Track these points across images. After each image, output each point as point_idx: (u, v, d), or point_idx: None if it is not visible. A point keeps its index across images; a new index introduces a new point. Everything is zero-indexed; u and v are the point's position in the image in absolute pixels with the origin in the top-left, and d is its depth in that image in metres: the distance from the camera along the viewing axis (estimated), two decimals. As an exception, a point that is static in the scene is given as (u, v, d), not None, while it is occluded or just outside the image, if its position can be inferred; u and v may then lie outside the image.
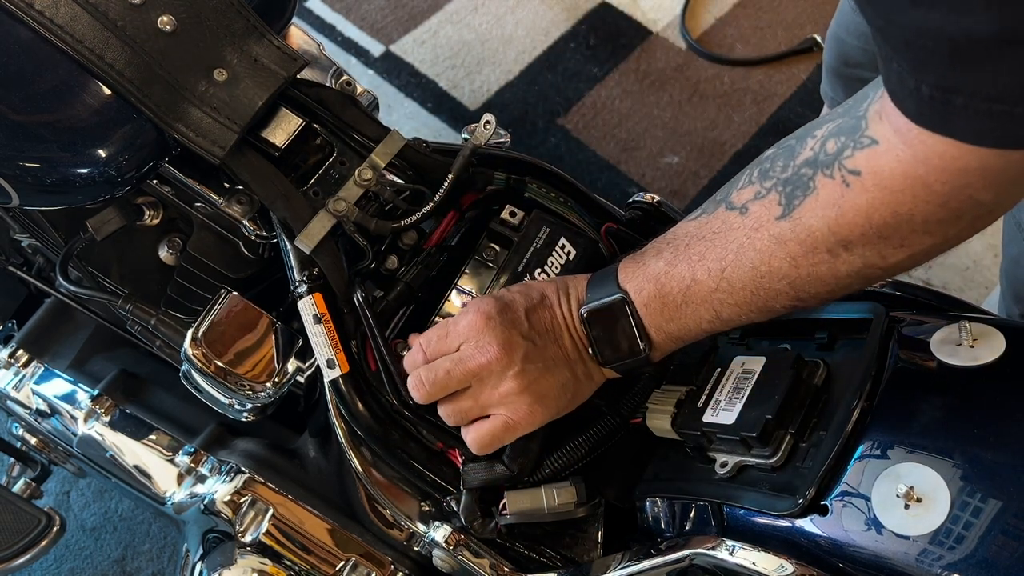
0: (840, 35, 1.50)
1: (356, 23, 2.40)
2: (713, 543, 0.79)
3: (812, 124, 0.73)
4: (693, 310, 0.79)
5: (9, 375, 1.26)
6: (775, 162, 0.74)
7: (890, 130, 0.63)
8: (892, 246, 0.68)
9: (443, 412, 0.87)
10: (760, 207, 0.73)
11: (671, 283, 0.79)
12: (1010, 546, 0.67)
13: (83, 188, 0.93)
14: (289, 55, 0.96)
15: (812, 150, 0.70)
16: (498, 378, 0.83)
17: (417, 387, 0.86)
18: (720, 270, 0.76)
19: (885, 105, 0.64)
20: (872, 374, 0.79)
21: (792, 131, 0.76)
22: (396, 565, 1.05)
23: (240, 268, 1.06)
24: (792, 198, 0.71)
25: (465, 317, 0.85)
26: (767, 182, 0.73)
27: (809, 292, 0.74)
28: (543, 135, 2.22)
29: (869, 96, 0.68)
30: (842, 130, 0.68)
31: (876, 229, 0.67)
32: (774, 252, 0.72)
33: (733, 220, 0.76)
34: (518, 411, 0.83)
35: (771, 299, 0.75)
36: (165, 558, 1.74)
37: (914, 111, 0.59)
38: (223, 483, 1.10)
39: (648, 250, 0.83)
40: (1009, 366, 0.76)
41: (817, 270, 0.71)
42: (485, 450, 0.86)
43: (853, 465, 0.75)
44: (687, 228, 0.81)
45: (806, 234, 0.70)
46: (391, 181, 1.00)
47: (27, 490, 1.39)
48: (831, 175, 0.68)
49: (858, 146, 0.66)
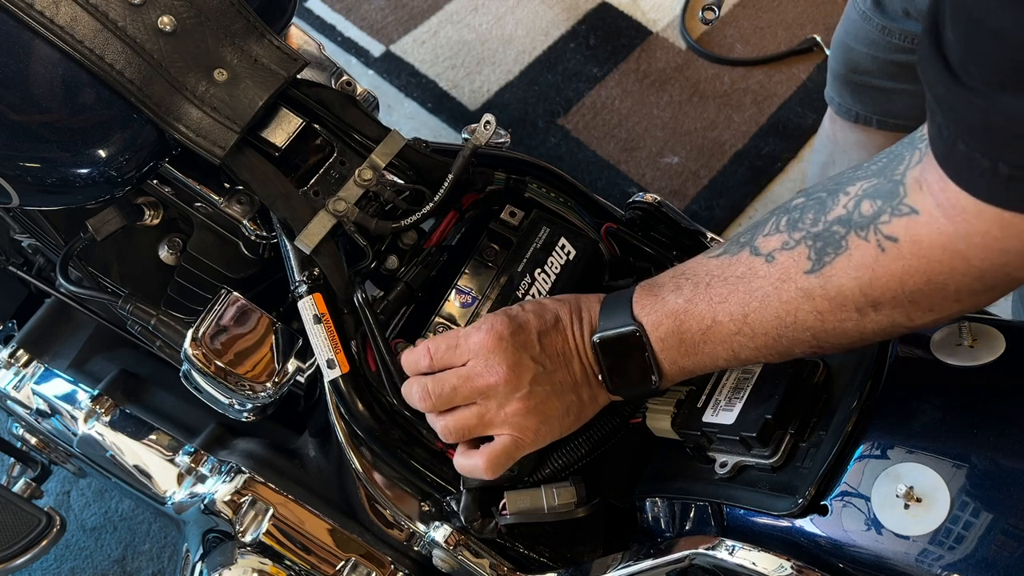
0: (848, 43, 1.49)
1: (356, 23, 2.40)
2: (713, 543, 0.79)
3: (843, 177, 0.73)
4: (711, 349, 0.79)
5: (9, 375, 1.26)
6: (805, 213, 0.74)
7: (932, 203, 0.64)
8: (921, 310, 0.69)
9: (442, 425, 0.85)
10: (788, 258, 0.73)
11: (690, 321, 0.79)
12: (1010, 546, 0.67)
13: (83, 188, 0.93)
14: (289, 55, 0.96)
15: (845, 208, 0.70)
16: (504, 398, 0.82)
17: (424, 398, 0.85)
18: (743, 316, 0.76)
19: (927, 175, 0.64)
20: (872, 374, 0.79)
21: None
22: (396, 565, 1.05)
23: (240, 268, 1.06)
24: (823, 254, 0.71)
25: (477, 333, 0.84)
26: (796, 233, 0.73)
27: (831, 343, 0.74)
28: (543, 135, 2.22)
29: (905, 158, 0.68)
30: (879, 192, 0.68)
31: (908, 294, 0.68)
32: (800, 305, 0.73)
33: (759, 267, 0.75)
34: (524, 431, 0.83)
35: (792, 346, 0.76)
36: (165, 558, 1.75)
37: (984, 190, 0.59)
38: (223, 483, 1.10)
39: (666, 283, 0.82)
40: (1009, 366, 0.76)
41: (843, 326, 0.72)
42: (498, 471, 0.84)
43: (853, 465, 0.75)
44: (708, 266, 0.80)
45: (836, 291, 0.71)
46: (391, 181, 0.99)
47: (27, 490, 1.39)
48: (866, 237, 0.68)
49: (896, 213, 0.66)
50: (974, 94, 0.56)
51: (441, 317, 0.95)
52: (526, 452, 0.84)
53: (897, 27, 1.39)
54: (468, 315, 0.94)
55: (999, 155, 0.57)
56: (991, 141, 0.57)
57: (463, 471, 0.87)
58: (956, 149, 0.60)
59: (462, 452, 0.86)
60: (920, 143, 0.67)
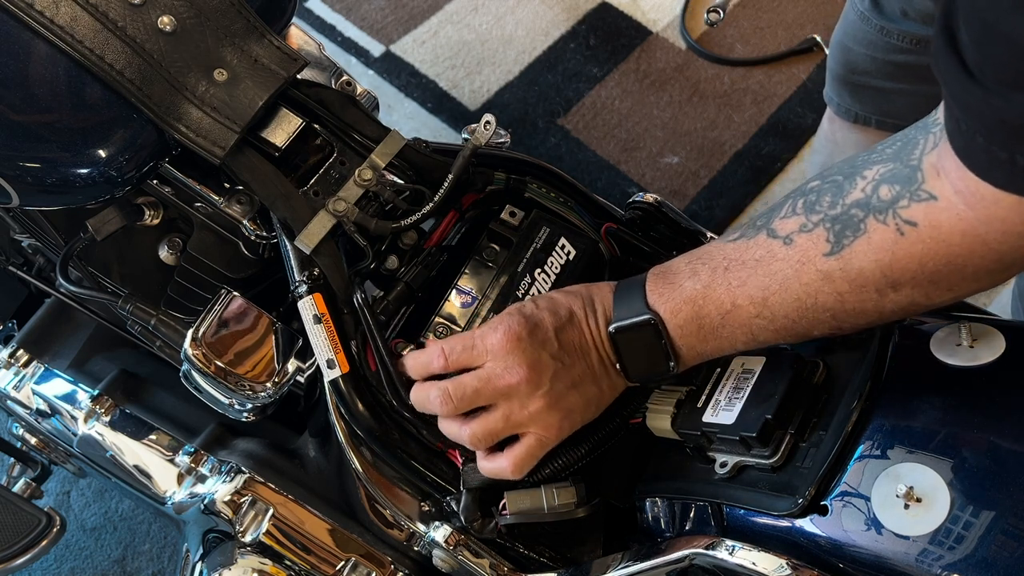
0: (846, 43, 1.49)
1: (356, 23, 2.40)
2: (713, 543, 0.79)
3: (858, 160, 0.74)
4: (730, 333, 0.80)
5: (9, 375, 1.26)
6: (822, 196, 0.74)
7: (950, 189, 0.66)
8: (940, 289, 0.70)
9: (469, 433, 0.84)
10: (807, 240, 0.74)
11: (709, 306, 0.79)
12: (1010, 546, 0.67)
13: (83, 188, 0.93)
14: (289, 55, 0.96)
15: (863, 192, 0.71)
16: (527, 397, 0.82)
17: (444, 401, 0.84)
18: (763, 299, 0.76)
19: (944, 163, 0.66)
20: (872, 374, 0.79)
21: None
22: (396, 565, 1.05)
23: (240, 268, 1.06)
24: (842, 236, 0.72)
25: (494, 334, 0.83)
26: (813, 216, 0.74)
27: (851, 323, 0.75)
28: (543, 135, 2.22)
29: (920, 142, 0.70)
30: (896, 178, 0.70)
31: (928, 275, 0.69)
32: (821, 287, 0.74)
33: (777, 249, 0.76)
34: (549, 427, 0.83)
35: (811, 327, 0.77)
36: (165, 558, 1.74)
37: (1004, 180, 0.62)
38: (223, 483, 1.10)
39: (681, 268, 0.82)
40: (1009, 366, 0.76)
41: (863, 306, 0.73)
42: (525, 471, 0.84)
43: (853, 465, 0.75)
44: (724, 250, 0.80)
45: (856, 273, 0.72)
46: (391, 181, 0.99)
47: (27, 490, 1.39)
48: (884, 221, 0.70)
49: (915, 198, 0.68)
50: (990, 93, 0.58)
51: (441, 317, 0.95)
52: (550, 447, 0.85)
53: (895, 28, 1.38)
54: (468, 315, 0.94)
55: (1016, 148, 0.59)
56: (1007, 136, 0.59)
57: (490, 475, 0.87)
58: (975, 142, 0.62)
59: (485, 456, 0.86)
60: (934, 127, 0.68)
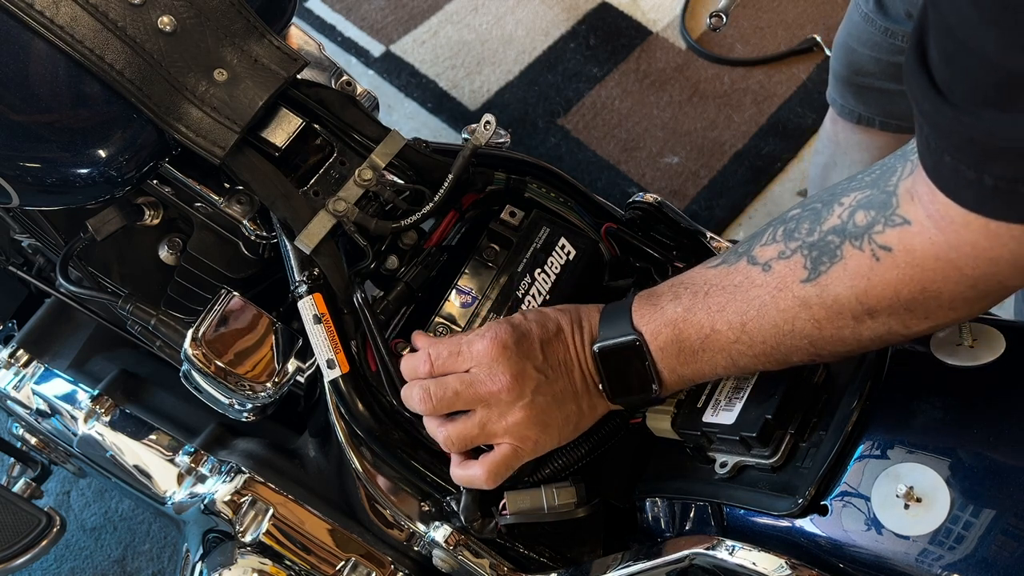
0: (850, 44, 1.49)
1: (356, 23, 2.40)
2: (713, 543, 0.79)
3: (837, 188, 0.74)
4: (710, 357, 0.80)
5: (9, 375, 1.26)
6: (800, 223, 0.75)
7: (923, 213, 0.65)
8: (917, 317, 0.70)
9: (444, 435, 0.85)
10: (785, 267, 0.74)
11: (689, 330, 0.80)
12: (1010, 546, 0.67)
13: (83, 188, 0.93)
14: (289, 55, 0.96)
15: (840, 218, 0.72)
16: (507, 407, 0.82)
17: (424, 400, 0.84)
18: (741, 324, 0.77)
19: (918, 187, 0.65)
20: (872, 374, 0.79)
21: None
22: (396, 565, 1.05)
23: (240, 268, 1.06)
24: (818, 263, 0.72)
25: (481, 341, 0.84)
26: (792, 243, 0.75)
27: (829, 351, 0.75)
28: (543, 135, 2.22)
29: (897, 170, 0.69)
30: (872, 203, 0.70)
31: (904, 302, 0.69)
32: (798, 314, 0.74)
33: (756, 276, 0.76)
34: (525, 440, 0.83)
35: (790, 354, 0.77)
36: (165, 558, 1.75)
37: (972, 200, 0.61)
38: (223, 483, 1.10)
39: (664, 292, 0.83)
40: (1009, 366, 0.76)
41: (840, 333, 0.73)
42: (498, 481, 0.84)
43: (853, 465, 0.75)
44: (706, 275, 0.81)
45: (832, 300, 0.72)
46: (391, 181, 1.00)
47: (27, 490, 1.39)
48: (860, 247, 0.69)
49: (890, 224, 0.68)
50: (958, 111, 0.58)
51: (441, 317, 0.95)
52: (525, 461, 0.85)
53: (900, 29, 1.38)
54: (468, 315, 0.94)
55: (983, 167, 0.58)
56: (975, 154, 0.59)
57: (461, 482, 0.86)
58: (943, 161, 0.61)
59: (459, 463, 0.86)
60: (912, 155, 0.68)
